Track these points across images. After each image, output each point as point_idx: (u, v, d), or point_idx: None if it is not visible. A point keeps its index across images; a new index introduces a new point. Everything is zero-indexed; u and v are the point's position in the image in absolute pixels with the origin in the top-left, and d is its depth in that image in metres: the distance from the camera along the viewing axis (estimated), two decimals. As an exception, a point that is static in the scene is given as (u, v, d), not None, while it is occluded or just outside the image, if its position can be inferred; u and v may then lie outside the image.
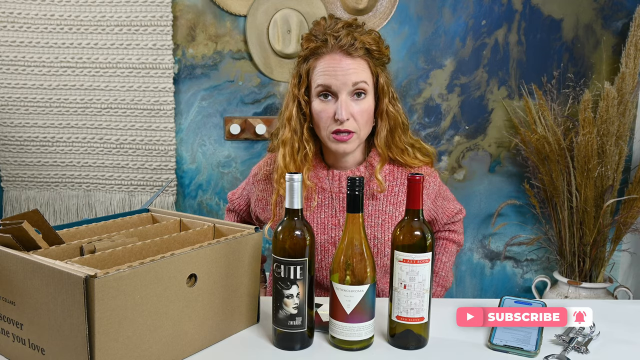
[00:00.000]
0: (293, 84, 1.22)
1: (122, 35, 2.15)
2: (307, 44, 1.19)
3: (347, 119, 1.15)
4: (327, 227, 1.24)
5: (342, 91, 1.15)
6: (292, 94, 1.22)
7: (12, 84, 2.19)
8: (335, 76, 1.14)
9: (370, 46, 1.16)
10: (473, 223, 2.32)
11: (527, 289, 2.34)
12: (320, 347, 0.94)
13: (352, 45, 1.14)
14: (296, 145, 1.21)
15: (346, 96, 1.15)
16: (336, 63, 1.15)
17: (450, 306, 1.01)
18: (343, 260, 0.91)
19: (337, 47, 1.15)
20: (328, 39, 1.15)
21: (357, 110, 1.16)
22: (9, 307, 0.84)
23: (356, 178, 0.90)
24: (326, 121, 1.17)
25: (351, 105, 1.15)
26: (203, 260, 0.89)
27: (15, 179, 2.28)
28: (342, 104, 1.14)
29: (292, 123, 1.21)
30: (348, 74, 1.14)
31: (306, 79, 1.20)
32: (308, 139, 1.22)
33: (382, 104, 1.21)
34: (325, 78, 1.15)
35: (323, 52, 1.16)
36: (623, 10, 2.18)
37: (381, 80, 1.20)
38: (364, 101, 1.17)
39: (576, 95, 2.11)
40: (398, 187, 1.25)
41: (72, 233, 0.99)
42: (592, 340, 0.96)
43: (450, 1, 2.18)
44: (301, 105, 1.20)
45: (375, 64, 1.19)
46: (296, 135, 1.21)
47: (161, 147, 2.23)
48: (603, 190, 2.02)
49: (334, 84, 1.14)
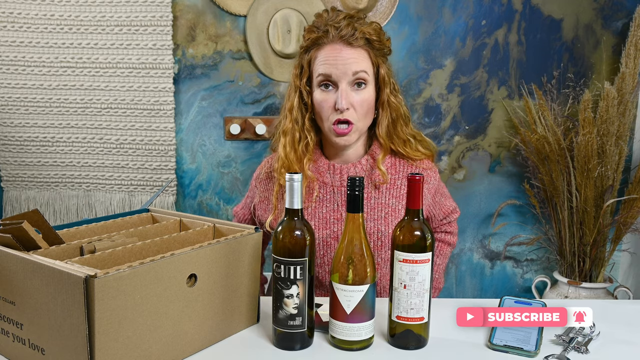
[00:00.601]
0: (295, 75, 1.24)
1: (122, 35, 2.15)
2: (308, 34, 1.21)
3: (347, 109, 1.16)
4: (329, 221, 1.24)
5: (342, 80, 1.16)
6: (294, 84, 1.23)
7: (12, 84, 2.19)
8: (335, 65, 1.15)
9: (370, 36, 1.17)
10: (473, 223, 2.32)
11: (527, 289, 2.34)
12: (320, 347, 0.94)
13: (353, 35, 1.15)
14: (297, 135, 1.22)
15: (346, 85, 1.16)
16: (337, 52, 1.16)
17: (450, 306, 1.01)
18: (343, 260, 0.91)
19: (337, 37, 1.16)
20: (329, 30, 1.17)
21: (357, 100, 1.17)
22: (9, 307, 0.84)
23: (356, 178, 0.90)
24: (327, 111, 1.18)
25: (351, 94, 1.16)
26: (203, 260, 0.89)
27: (15, 179, 2.28)
28: (342, 93, 1.15)
29: (294, 113, 1.22)
30: (348, 63, 1.15)
31: (307, 69, 1.21)
32: (309, 129, 1.23)
33: (384, 95, 1.22)
34: (325, 67, 1.16)
35: (324, 42, 1.18)
36: (623, 10, 2.18)
37: (382, 70, 1.20)
38: (364, 91, 1.18)
39: (576, 95, 2.11)
40: (400, 180, 1.25)
41: (72, 233, 0.99)
42: (592, 340, 0.96)
43: (450, 1, 2.18)
44: (303, 96, 1.22)
45: (375, 54, 1.20)
46: (297, 125, 1.22)
47: (161, 147, 2.23)
48: (603, 190, 2.02)
49: (334, 73, 1.16)
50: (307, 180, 1.23)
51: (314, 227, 1.24)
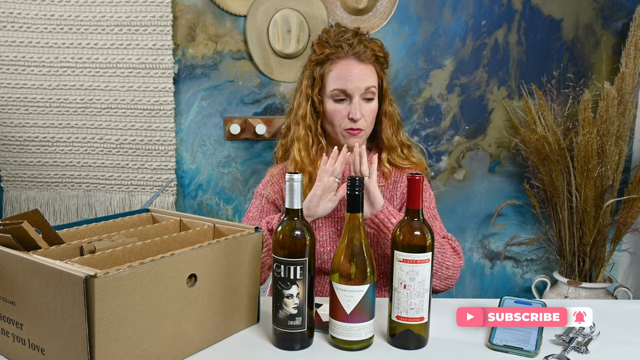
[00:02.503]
0: (307, 85, 1.34)
1: (122, 35, 2.15)
2: (321, 49, 1.31)
3: (360, 118, 1.29)
4: (332, 219, 1.32)
5: (355, 94, 1.28)
6: (306, 94, 1.34)
7: (12, 84, 2.19)
8: (351, 81, 1.28)
9: (378, 53, 1.31)
10: (473, 223, 2.32)
11: (527, 289, 2.34)
12: (320, 347, 0.94)
13: (365, 52, 1.28)
14: (310, 140, 1.33)
15: (359, 98, 1.29)
16: (351, 68, 1.28)
17: (450, 306, 1.01)
18: (343, 260, 0.91)
19: (351, 54, 1.28)
20: (343, 46, 1.28)
21: (367, 111, 1.30)
22: (9, 307, 0.84)
23: (356, 178, 0.90)
24: (340, 120, 1.30)
25: (363, 106, 1.30)
26: (203, 260, 0.89)
27: (15, 179, 2.28)
28: (356, 105, 1.28)
29: (307, 120, 1.33)
30: (361, 79, 1.28)
31: (320, 81, 1.32)
32: (321, 134, 1.35)
33: (385, 104, 1.36)
34: (342, 82, 1.28)
35: (338, 57, 1.29)
36: (623, 10, 2.18)
37: (384, 83, 1.35)
38: (372, 103, 1.32)
39: (576, 95, 2.11)
40: (392, 185, 1.37)
41: (72, 233, 0.99)
42: (592, 340, 0.96)
43: (450, 1, 2.18)
44: (315, 105, 1.33)
45: (381, 69, 1.34)
46: (310, 132, 1.33)
47: (161, 147, 2.23)
48: (603, 190, 2.02)
49: (350, 87, 1.28)
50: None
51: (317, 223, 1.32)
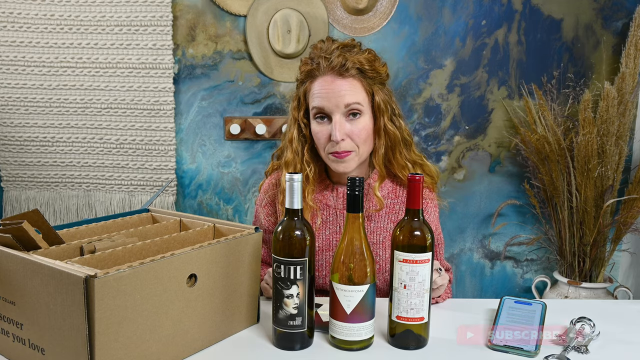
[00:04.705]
0: (293, 107, 1.24)
1: (122, 35, 2.15)
2: (303, 67, 1.21)
3: (343, 140, 1.15)
4: (331, 243, 1.25)
5: (335, 112, 1.15)
6: (292, 116, 1.24)
7: (12, 84, 2.19)
8: (327, 98, 1.15)
9: (362, 66, 1.15)
10: (473, 223, 2.32)
11: (527, 289, 2.34)
12: (320, 347, 0.94)
13: (344, 65, 1.14)
14: (298, 166, 1.23)
15: (340, 117, 1.15)
16: (328, 85, 1.15)
17: (450, 306, 1.01)
18: (343, 260, 0.91)
19: (329, 69, 1.15)
20: (321, 62, 1.16)
21: (352, 130, 1.16)
22: (9, 307, 0.84)
23: (356, 178, 0.90)
24: (324, 142, 1.18)
25: (346, 125, 1.15)
26: (203, 260, 0.89)
27: (15, 179, 2.28)
28: (336, 125, 1.14)
29: (294, 145, 1.23)
30: (340, 96, 1.14)
31: (304, 101, 1.21)
32: (309, 160, 1.23)
33: (379, 122, 1.19)
34: (319, 100, 1.16)
35: (316, 74, 1.17)
36: (623, 10, 2.18)
37: (377, 98, 1.18)
38: (359, 120, 1.16)
39: (576, 95, 2.11)
40: (399, 205, 1.25)
41: (72, 233, 0.99)
42: (592, 340, 0.96)
43: (450, 1, 2.18)
44: (301, 128, 1.22)
45: (369, 83, 1.18)
46: (298, 157, 1.23)
47: (161, 147, 2.23)
48: (603, 190, 2.02)
49: (327, 105, 1.15)
50: (310, 210, 1.23)
51: (317, 249, 1.24)
